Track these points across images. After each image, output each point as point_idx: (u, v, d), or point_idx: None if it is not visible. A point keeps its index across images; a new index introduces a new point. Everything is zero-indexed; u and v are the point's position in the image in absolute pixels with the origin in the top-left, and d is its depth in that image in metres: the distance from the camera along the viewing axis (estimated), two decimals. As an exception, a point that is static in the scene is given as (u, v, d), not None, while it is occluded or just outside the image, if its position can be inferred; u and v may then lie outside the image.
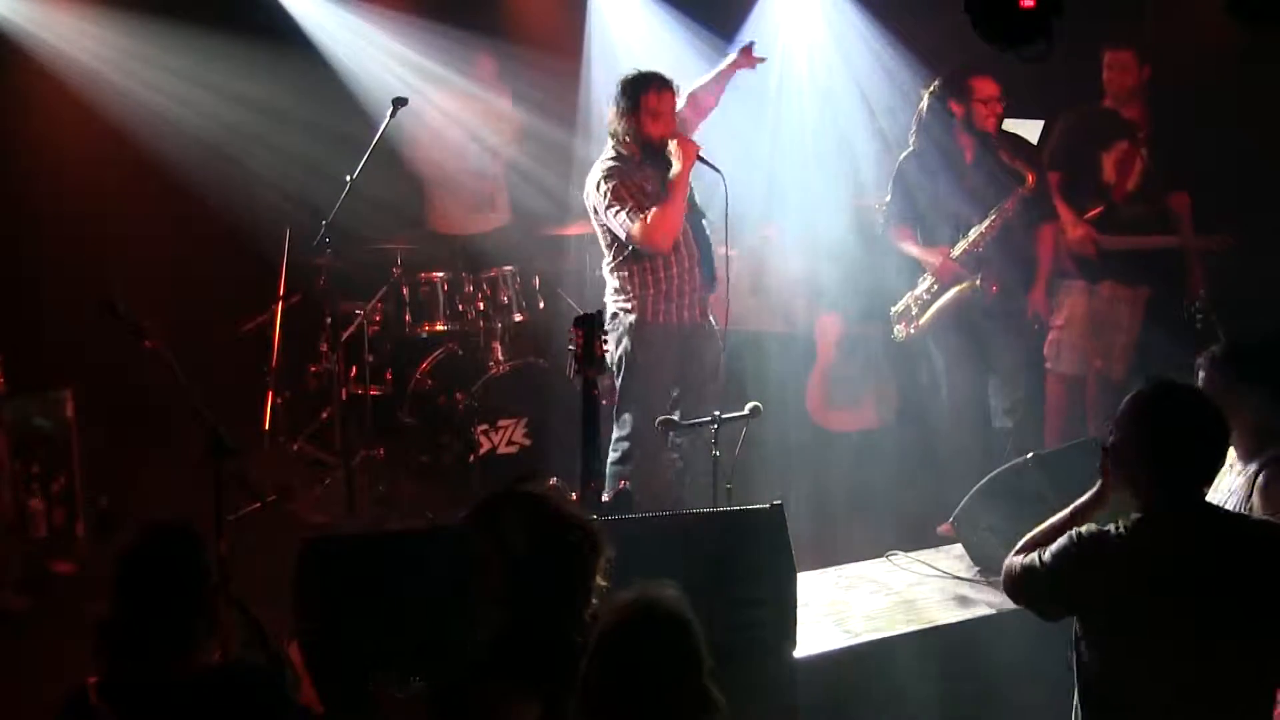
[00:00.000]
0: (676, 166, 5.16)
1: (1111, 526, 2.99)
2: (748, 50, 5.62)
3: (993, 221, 5.65)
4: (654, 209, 5.17)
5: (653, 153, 5.23)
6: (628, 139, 5.24)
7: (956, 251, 5.70)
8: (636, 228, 5.18)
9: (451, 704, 2.76)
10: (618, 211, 5.20)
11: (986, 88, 5.63)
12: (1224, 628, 2.87)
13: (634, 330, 5.34)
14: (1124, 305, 6.10)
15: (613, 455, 5.37)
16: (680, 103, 5.34)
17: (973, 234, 5.68)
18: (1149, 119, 6.08)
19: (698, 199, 5.45)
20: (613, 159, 5.29)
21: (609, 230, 5.31)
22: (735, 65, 5.61)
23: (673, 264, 5.32)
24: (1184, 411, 2.98)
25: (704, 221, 5.44)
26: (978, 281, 5.66)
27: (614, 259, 5.37)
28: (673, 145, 5.17)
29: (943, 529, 5.16)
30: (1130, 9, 6.75)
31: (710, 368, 5.47)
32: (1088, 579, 2.97)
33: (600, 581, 2.83)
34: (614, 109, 5.26)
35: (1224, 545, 2.94)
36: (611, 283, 5.43)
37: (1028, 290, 5.83)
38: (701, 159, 5.21)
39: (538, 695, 2.66)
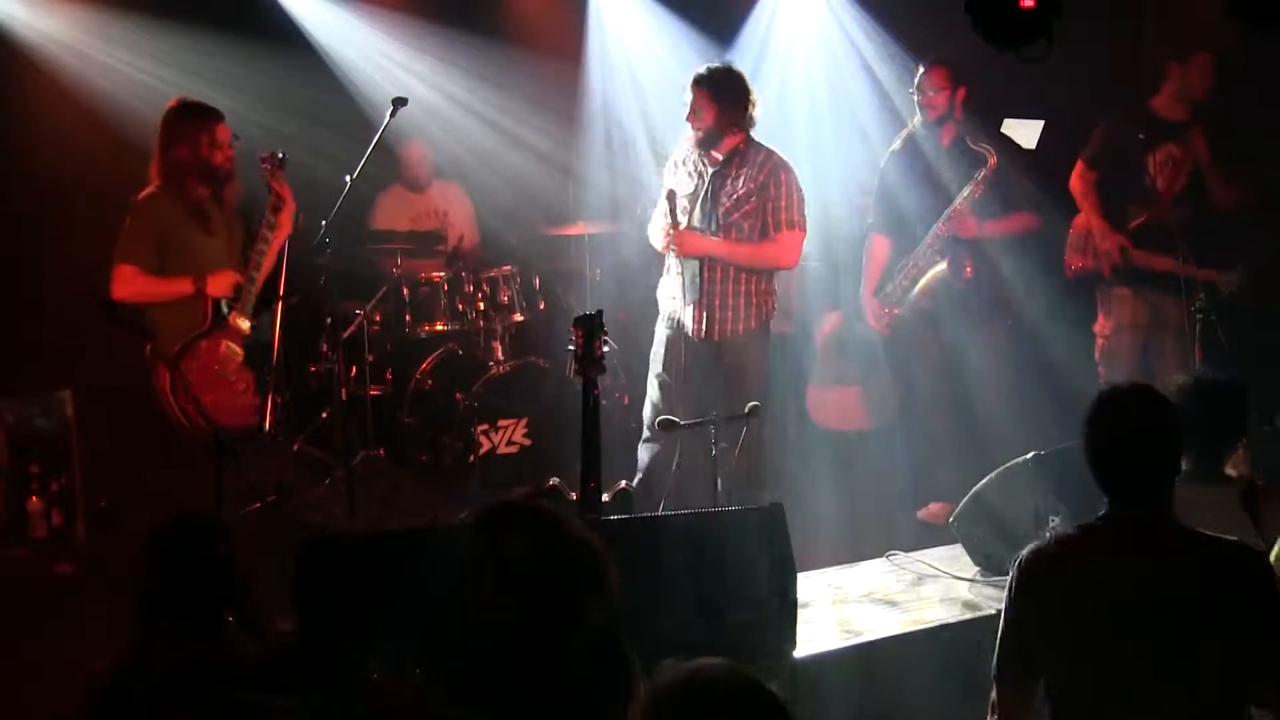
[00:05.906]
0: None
1: (1049, 537, 2.94)
2: None
3: (959, 206, 5.76)
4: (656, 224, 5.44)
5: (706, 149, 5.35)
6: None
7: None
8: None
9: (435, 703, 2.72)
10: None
11: (928, 78, 5.76)
12: (1171, 641, 2.74)
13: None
14: (1171, 305, 5.89)
15: None
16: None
17: (942, 219, 5.81)
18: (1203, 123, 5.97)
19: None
20: (685, 151, 5.46)
21: None
22: None
23: (671, 268, 5.44)
24: (1125, 415, 2.86)
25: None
26: (948, 264, 5.81)
27: None
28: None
29: (922, 514, 5.18)
30: (1130, 9, 6.75)
31: (701, 379, 5.39)
32: (1040, 599, 2.89)
33: (597, 614, 2.70)
34: (726, 95, 5.29)
35: (1170, 557, 2.80)
36: None
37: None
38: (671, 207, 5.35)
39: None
